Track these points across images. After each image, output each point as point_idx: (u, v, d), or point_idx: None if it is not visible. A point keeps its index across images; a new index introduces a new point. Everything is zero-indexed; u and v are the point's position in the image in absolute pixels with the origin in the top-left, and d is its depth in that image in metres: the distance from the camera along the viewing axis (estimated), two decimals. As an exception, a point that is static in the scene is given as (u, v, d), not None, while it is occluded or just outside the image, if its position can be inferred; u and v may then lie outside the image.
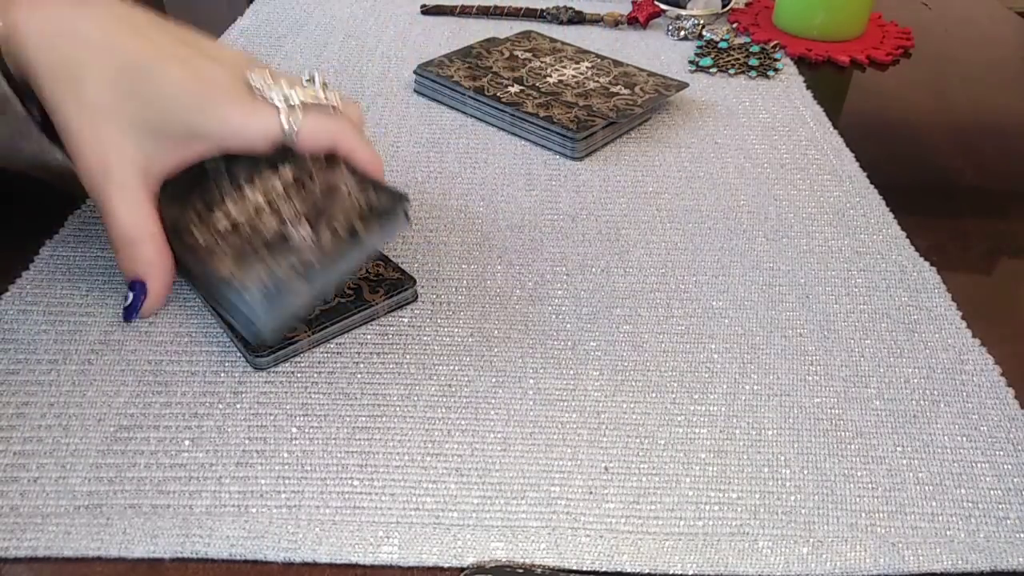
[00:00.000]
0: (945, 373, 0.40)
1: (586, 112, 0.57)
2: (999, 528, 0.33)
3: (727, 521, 0.33)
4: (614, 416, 0.37)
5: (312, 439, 0.36)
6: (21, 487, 0.34)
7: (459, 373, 0.39)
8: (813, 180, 0.54)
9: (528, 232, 0.49)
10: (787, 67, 0.69)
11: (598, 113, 0.57)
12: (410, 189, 0.52)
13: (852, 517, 0.34)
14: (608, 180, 0.54)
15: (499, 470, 0.35)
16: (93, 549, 0.32)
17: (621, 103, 0.58)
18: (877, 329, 0.43)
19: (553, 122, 0.56)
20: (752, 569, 0.32)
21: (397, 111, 0.61)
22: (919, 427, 0.37)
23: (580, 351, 0.41)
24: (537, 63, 0.64)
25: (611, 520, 0.33)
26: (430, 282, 0.45)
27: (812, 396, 0.39)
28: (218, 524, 0.32)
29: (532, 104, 0.58)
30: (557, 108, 0.57)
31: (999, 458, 0.36)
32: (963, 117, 0.65)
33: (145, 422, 0.36)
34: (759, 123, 0.61)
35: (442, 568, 0.32)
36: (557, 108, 0.57)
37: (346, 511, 0.33)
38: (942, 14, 0.83)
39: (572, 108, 0.58)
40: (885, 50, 0.73)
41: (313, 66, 0.67)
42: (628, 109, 0.58)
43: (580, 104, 0.58)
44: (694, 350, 0.41)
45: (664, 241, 0.48)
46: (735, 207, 0.51)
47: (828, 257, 0.47)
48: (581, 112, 0.57)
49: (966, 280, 0.47)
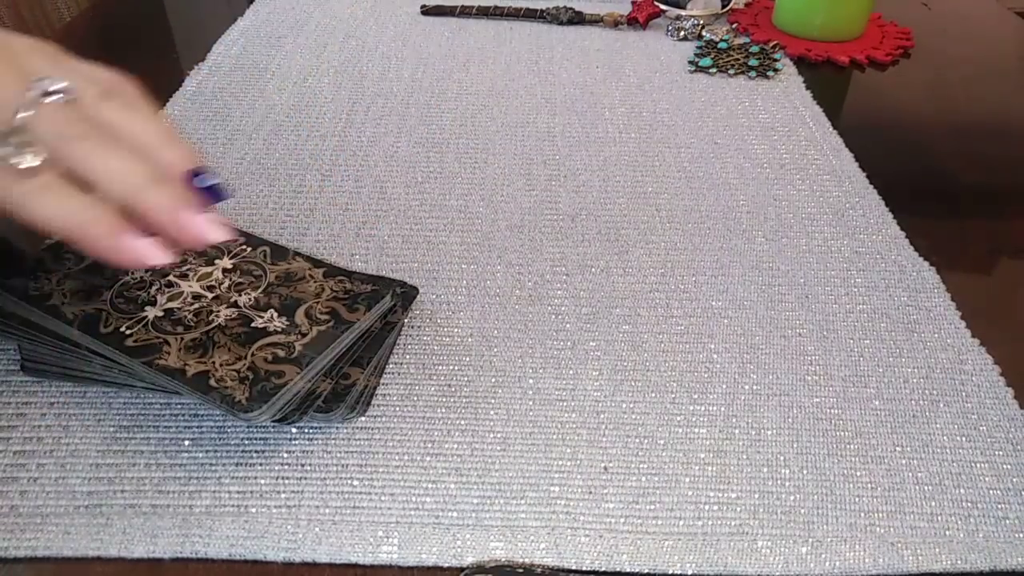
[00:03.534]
0: (944, 373, 0.40)
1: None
2: (998, 528, 0.33)
3: (726, 521, 0.33)
4: (613, 416, 0.37)
5: (312, 439, 0.36)
6: (21, 487, 0.34)
7: (459, 373, 0.39)
8: (813, 180, 0.54)
9: (528, 232, 0.49)
10: (787, 67, 0.69)
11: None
12: (410, 189, 0.52)
13: (851, 517, 0.34)
14: (608, 180, 0.54)
15: (498, 470, 0.35)
16: (93, 549, 0.32)
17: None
18: (876, 329, 0.43)
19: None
20: (751, 569, 0.32)
21: (397, 111, 0.61)
22: (918, 427, 0.37)
23: (580, 351, 0.41)
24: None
25: (610, 520, 0.33)
26: (430, 282, 0.45)
27: (811, 396, 0.39)
28: (218, 524, 0.32)
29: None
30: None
31: (998, 458, 0.36)
32: (963, 117, 0.65)
33: (145, 422, 0.36)
34: (759, 123, 0.61)
35: (442, 568, 0.32)
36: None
37: (346, 511, 0.33)
38: (942, 14, 0.83)
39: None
40: (885, 50, 0.73)
41: (313, 66, 0.67)
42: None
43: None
44: (693, 350, 0.41)
45: (664, 241, 0.48)
46: (735, 207, 0.51)
47: (827, 257, 0.47)
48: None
49: (966, 280, 0.47)
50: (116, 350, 0.36)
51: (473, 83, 0.65)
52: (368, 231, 0.49)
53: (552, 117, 0.61)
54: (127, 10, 0.79)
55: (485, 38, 0.73)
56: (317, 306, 0.39)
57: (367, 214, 0.50)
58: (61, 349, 0.37)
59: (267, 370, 0.35)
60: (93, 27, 0.76)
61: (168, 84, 0.63)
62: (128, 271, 0.40)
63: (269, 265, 0.41)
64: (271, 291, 0.40)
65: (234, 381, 0.34)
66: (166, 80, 0.64)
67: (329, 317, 0.38)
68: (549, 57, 0.70)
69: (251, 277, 0.40)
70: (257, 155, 0.55)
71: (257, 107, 0.61)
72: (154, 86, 0.40)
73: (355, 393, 0.37)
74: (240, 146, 0.56)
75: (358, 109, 0.61)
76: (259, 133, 0.58)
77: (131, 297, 0.39)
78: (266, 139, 0.57)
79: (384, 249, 0.47)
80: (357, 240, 0.48)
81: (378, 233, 0.48)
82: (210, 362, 0.35)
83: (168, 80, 0.64)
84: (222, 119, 0.59)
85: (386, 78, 0.66)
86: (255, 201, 0.51)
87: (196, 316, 0.38)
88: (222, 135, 0.57)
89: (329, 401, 0.36)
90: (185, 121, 0.59)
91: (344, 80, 0.65)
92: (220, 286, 0.40)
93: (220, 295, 0.39)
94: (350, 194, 0.52)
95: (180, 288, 0.40)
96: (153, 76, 0.66)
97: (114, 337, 0.36)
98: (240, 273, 0.41)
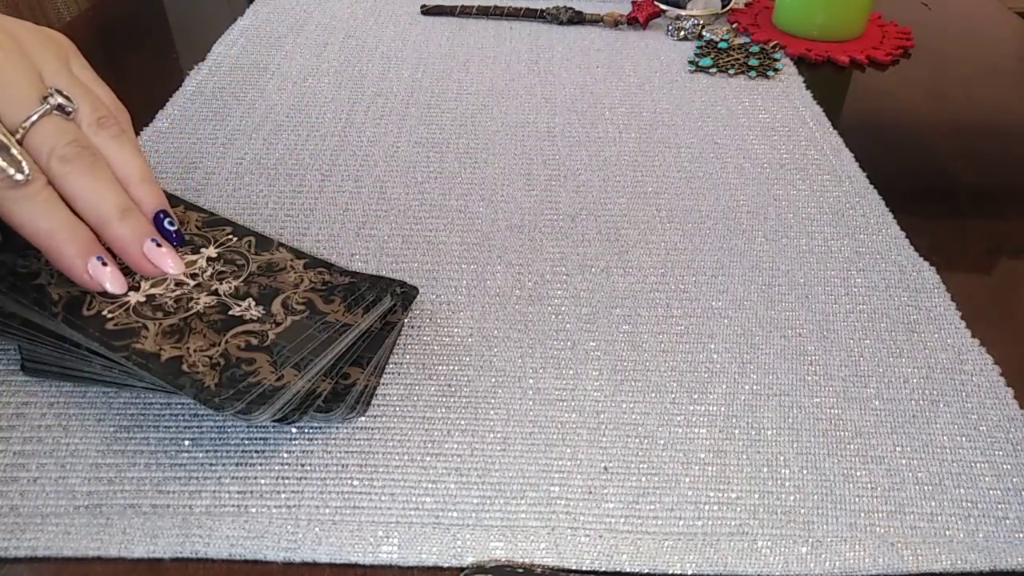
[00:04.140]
0: (944, 373, 0.40)
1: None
2: (998, 528, 0.33)
3: (726, 521, 0.33)
4: (613, 416, 0.37)
5: (312, 439, 0.36)
6: (21, 487, 0.34)
7: (459, 373, 0.39)
8: (813, 180, 0.54)
9: (528, 232, 0.49)
10: (787, 67, 0.69)
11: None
12: (410, 189, 0.52)
13: (851, 517, 0.34)
14: (608, 180, 0.54)
15: (498, 470, 0.35)
16: (93, 549, 0.32)
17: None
18: (876, 329, 0.43)
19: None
20: (751, 569, 0.32)
21: (397, 111, 0.61)
22: (918, 427, 0.37)
23: (580, 351, 0.41)
24: None
25: (610, 520, 0.33)
26: (430, 282, 0.45)
27: (811, 396, 0.39)
28: (218, 524, 0.32)
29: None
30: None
31: (998, 458, 0.36)
32: (963, 117, 0.65)
33: (145, 422, 0.36)
34: (759, 123, 0.61)
35: (442, 568, 0.32)
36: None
37: (346, 511, 0.33)
38: (942, 14, 0.83)
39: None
40: (885, 50, 0.73)
41: (313, 66, 0.67)
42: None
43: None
44: (693, 350, 0.41)
45: (664, 241, 0.48)
46: (735, 207, 0.51)
47: (827, 257, 0.47)
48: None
49: (966, 280, 0.47)
50: (95, 334, 0.36)
51: (473, 83, 0.65)
52: (368, 231, 0.49)
53: (552, 117, 0.61)
54: (127, 10, 0.79)
55: (485, 38, 0.73)
56: (295, 296, 0.39)
57: (367, 214, 0.50)
58: (61, 349, 0.37)
59: (239, 357, 0.36)
60: (93, 27, 0.76)
61: (168, 84, 0.63)
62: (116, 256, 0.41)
63: (253, 255, 0.42)
64: (251, 280, 0.40)
65: (206, 367, 0.35)
66: (166, 80, 0.64)
67: (305, 307, 0.39)
68: (549, 57, 0.70)
69: (234, 266, 0.41)
70: (257, 155, 0.55)
71: (257, 107, 0.61)
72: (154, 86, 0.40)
73: (355, 393, 0.37)
74: (240, 146, 0.56)
75: (358, 109, 0.61)
76: (259, 133, 0.58)
77: None
78: (266, 139, 0.57)
79: (384, 249, 0.47)
80: (357, 240, 0.48)
81: (378, 233, 0.48)
82: (185, 348, 0.36)
83: (168, 80, 0.64)
84: (222, 119, 0.59)
85: (386, 78, 0.66)
86: (255, 201, 0.51)
87: (176, 303, 0.38)
88: (222, 135, 0.57)
89: (329, 401, 0.36)
90: (185, 121, 0.59)
91: (344, 80, 0.65)
92: (203, 274, 0.40)
93: (202, 283, 0.40)
94: (350, 194, 0.52)
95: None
96: (153, 76, 0.67)
97: (96, 320, 0.37)
98: (224, 262, 0.41)
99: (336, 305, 0.39)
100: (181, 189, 0.51)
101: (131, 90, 0.64)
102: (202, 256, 0.41)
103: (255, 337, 0.37)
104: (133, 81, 0.65)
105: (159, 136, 0.57)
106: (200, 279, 0.40)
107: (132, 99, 0.43)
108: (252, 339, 0.37)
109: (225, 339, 0.36)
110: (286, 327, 0.37)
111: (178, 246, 0.40)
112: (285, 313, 0.38)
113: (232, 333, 0.37)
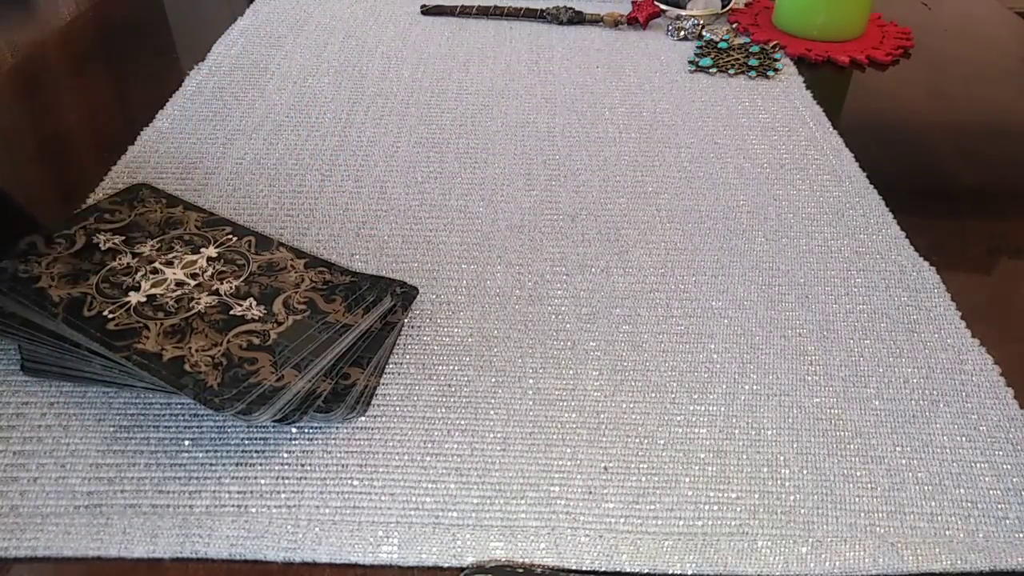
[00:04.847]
0: (944, 373, 0.40)
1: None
2: (998, 528, 0.33)
3: (726, 521, 0.33)
4: (613, 416, 0.37)
5: (312, 439, 0.36)
6: (21, 487, 0.34)
7: (459, 373, 0.39)
8: (813, 180, 0.54)
9: (528, 232, 0.49)
10: (787, 67, 0.69)
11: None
12: (410, 189, 0.52)
13: (851, 517, 0.34)
14: (608, 180, 0.54)
15: (498, 470, 0.35)
16: (93, 549, 0.32)
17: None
18: (876, 329, 0.43)
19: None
20: (751, 569, 0.32)
21: (397, 111, 0.61)
22: (918, 427, 0.37)
23: (579, 351, 0.41)
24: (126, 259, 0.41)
25: (610, 520, 0.33)
26: (430, 282, 0.45)
27: (811, 396, 0.39)
28: (218, 524, 0.32)
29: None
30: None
31: (998, 458, 0.36)
32: (963, 117, 0.65)
33: (145, 422, 0.36)
34: (759, 123, 0.61)
35: (442, 568, 0.32)
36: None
37: (346, 511, 0.33)
38: (942, 14, 0.83)
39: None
40: (885, 50, 0.73)
41: (313, 66, 0.67)
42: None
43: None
44: (693, 350, 0.41)
45: (664, 241, 0.48)
46: (735, 207, 0.51)
47: (827, 257, 0.47)
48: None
49: (966, 280, 0.47)
50: (95, 334, 0.36)
51: (473, 83, 0.65)
52: (368, 231, 0.49)
53: (552, 117, 0.61)
54: (127, 10, 0.79)
55: (485, 38, 0.73)
56: (295, 296, 0.39)
57: (367, 214, 0.50)
58: (61, 349, 0.37)
59: (241, 356, 0.36)
60: (93, 27, 0.76)
61: (168, 84, 0.63)
62: (115, 257, 0.41)
63: (253, 255, 0.42)
64: (252, 280, 0.40)
65: (208, 366, 0.35)
66: (166, 80, 0.64)
67: (306, 307, 0.39)
68: (549, 57, 0.70)
69: (234, 266, 0.41)
70: (257, 155, 0.55)
71: (257, 107, 0.61)
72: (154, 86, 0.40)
73: (355, 393, 0.37)
74: (240, 146, 0.56)
75: (358, 109, 0.61)
76: (259, 133, 0.58)
77: (116, 282, 0.39)
78: (266, 139, 0.57)
79: (384, 249, 0.47)
80: (357, 240, 0.48)
81: (378, 233, 0.48)
82: (187, 348, 0.36)
83: (168, 80, 0.64)
84: (222, 119, 0.59)
85: (386, 78, 0.66)
86: (255, 201, 0.51)
87: (177, 303, 0.38)
88: (222, 135, 0.57)
89: (329, 401, 0.36)
90: (185, 121, 0.59)
91: (344, 80, 0.65)
92: (204, 274, 0.40)
93: (202, 283, 0.40)
94: (350, 194, 0.52)
95: (164, 275, 0.40)
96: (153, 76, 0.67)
97: (96, 321, 0.37)
98: (224, 262, 0.41)
99: (337, 304, 0.39)
100: (181, 189, 0.51)
101: (131, 90, 0.65)
102: (202, 256, 0.41)
103: (257, 336, 0.37)
104: (133, 81, 0.65)
105: (159, 136, 0.57)
106: (201, 279, 0.40)
107: (132, 99, 0.43)
108: (254, 339, 0.37)
109: (227, 339, 0.37)
110: (287, 326, 0.38)
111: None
112: (287, 313, 0.38)
113: (234, 333, 0.37)
